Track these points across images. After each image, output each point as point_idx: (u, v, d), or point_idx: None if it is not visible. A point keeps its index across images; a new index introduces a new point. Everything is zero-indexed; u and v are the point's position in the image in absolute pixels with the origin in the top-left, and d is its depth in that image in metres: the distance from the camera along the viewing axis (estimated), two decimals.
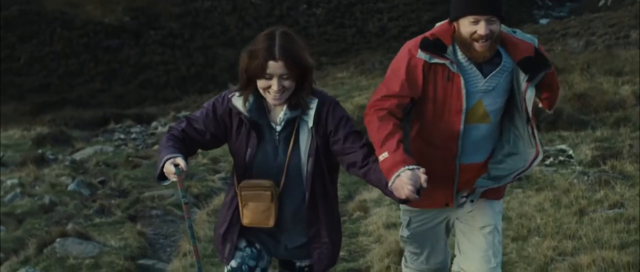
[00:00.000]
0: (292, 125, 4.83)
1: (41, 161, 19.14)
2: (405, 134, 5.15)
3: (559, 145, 14.66)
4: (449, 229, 5.71)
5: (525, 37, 5.11)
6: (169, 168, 4.58)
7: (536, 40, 5.10)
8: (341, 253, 8.13)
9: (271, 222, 4.86)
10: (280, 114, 4.81)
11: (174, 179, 4.62)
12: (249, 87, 4.76)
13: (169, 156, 4.64)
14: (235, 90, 4.85)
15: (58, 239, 10.04)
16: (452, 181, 5.26)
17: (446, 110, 5.07)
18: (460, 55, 5.06)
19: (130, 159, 19.78)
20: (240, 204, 4.90)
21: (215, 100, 4.92)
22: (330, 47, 76.25)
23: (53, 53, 68.84)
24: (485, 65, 5.03)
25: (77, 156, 20.88)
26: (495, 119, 5.18)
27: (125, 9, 76.78)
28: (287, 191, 4.87)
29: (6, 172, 18.50)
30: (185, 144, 4.86)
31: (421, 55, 5.03)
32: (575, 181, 10.53)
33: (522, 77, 4.98)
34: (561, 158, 13.48)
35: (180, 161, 4.59)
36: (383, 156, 4.70)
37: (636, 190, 9.76)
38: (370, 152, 4.76)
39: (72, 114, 32.89)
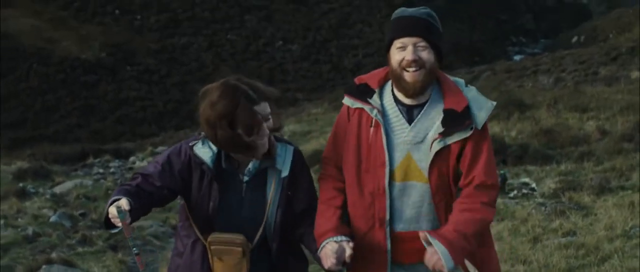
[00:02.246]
0: (261, 176, 4.65)
1: (23, 194, 19.45)
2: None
3: (523, 178, 15.27)
4: None
5: (466, 91, 4.51)
6: (111, 211, 4.22)
7: (483, 102, 4.48)
8: None
9: None
10: (248, 164, 4.61)
11: (119, 225, 4.21)
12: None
13: (113, 197, 4.30)
14: (197, 140, 4.61)
15: (44, 266, 10.61)
16: (384, 251, 4.56)
17: (371, 162, 4.49)
18: (386, 100, 4.57)
19: (109, 192, 20.16)
20: (209, 257, 4.65)
21: (170, 154, 4.63)
22: (306, 84, 76.59)
23: (30, 88, 68.56)
24: (415, 111, 4.49)
25: (58, 190, 21.21)
26: (434, 179, 4.48)
27: (102, 45, 76.72)
28: (258, 244, 4.68)
29: None
30: (139, 198, 4.41)
31: (345, 100, 4.64)
32: (533, 211, 11.18)
33: (437, 127, 4.42)
34: (524, 191, 14.09)
35: (123, 202, 4.20)
36: (317, 222, 4.57)
37: (589, 219, 10.39)
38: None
39: (51, 148, 33.21)
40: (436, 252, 4.30)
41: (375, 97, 4.53)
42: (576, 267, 8.12)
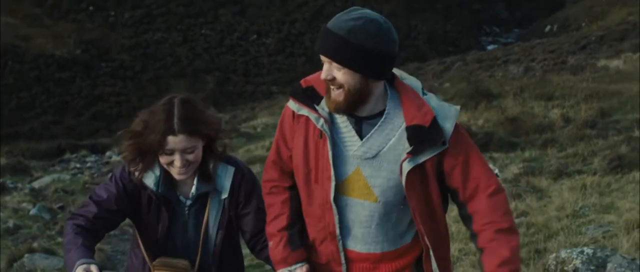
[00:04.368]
0: (204, 198, 4.48)
1: (2, 189, 19.83)
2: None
3: None
4: None
5: (427, 99, 4.00)
6: None
7: (447, 111, 3.96)
8: None
9: None
10: (191, 189, 4.43)
11: None
12: (145, 162, 4.33)
13: (81, 260, 4.02)
14: (138, 167, 4.38)
15: (26, 255, 11.10)
16: (339, 264, 4.23)
17: (319, 173, 4.06)
18: None
19: (86, 186, 20.63)
20: None
21: (121, 176, 4.43)
22: (281, 77, 76.81)
23: (5, 86, 68.17)
24: (366, 124, 4.01)
25: (36, 184, 21.55)
26: (385, 199, 4.03)
27: (77, 41, 76.73)
28: (200, 268, 4.53)
29: None
30: (95, 235, 4.30)
31: (291, 104, 4.16)
32: None
33: (404, 146, 3.93)
34: None
35: (94, 269, 3.97)
36: (270, 245, 4.33)
37: (544, 201, 10.96)
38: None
39: (28, 145, 33.48)
40: None
41: (323, 104, 4.03)
42: (525, 243, 8.62)
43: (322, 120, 3.99)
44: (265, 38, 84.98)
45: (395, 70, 4.08)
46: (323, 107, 4.02)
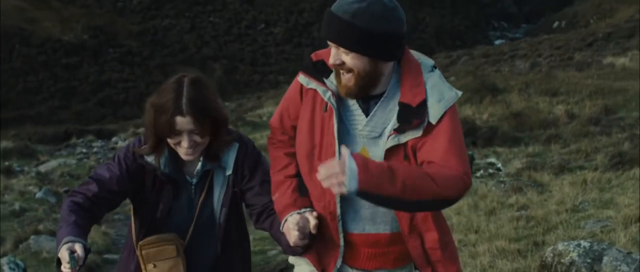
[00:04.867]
0: (208, 175, 4.36)
1: (8, 172, 19.99)
2: None
3: (491, 159, 15.89)
4: None
5: (427, 77, 3.86)
6: (63, 255, 3.85)
7: (444, 92, 3.81)
8: None
9: None
10: (197, 167, 4.31)
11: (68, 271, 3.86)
12: (160, 145, 4.24)
13: (67, 237, 3.95)
14: (145, 148, 4.29)
15: (32, 236, 11.26)
16: (337, 246, 4.05)
17: (323, 149, 3.92)
18: None
19: (92, 170, 20.84)
20: (142, 267, 4.32)
21: (124, 157, 4.31)
22: (289, 66, 76.85)
23: (12, 70, 68.83)
24: (372, 102, 3.89)
25: (42, 168, 21.75)
26: None
27: (84, 27, 76.98)
28: (198, 243, 4.40)
29: None
30: (92, 213, 4.20)
31: (301, 78, 4.03)
32: (493, 188, 11.84)
33: (394, 122, 3.80)
34: (490, 171, 14.69)
35: (78, 247, 3.88)
36: (274, 197, 4.14)
37: (544, 196, 11.07)
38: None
39: (35, 129, 33.64)
40: (342, 166, 3.52)
41: (332, 77, 3.91)
42: (524, 236, 8.72)
43: (329, 93, 3.88)
44: (273, 27, 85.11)
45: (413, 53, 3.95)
46: (332, 80, 3.91)
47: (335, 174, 3.52)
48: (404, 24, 3.80)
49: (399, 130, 3.74)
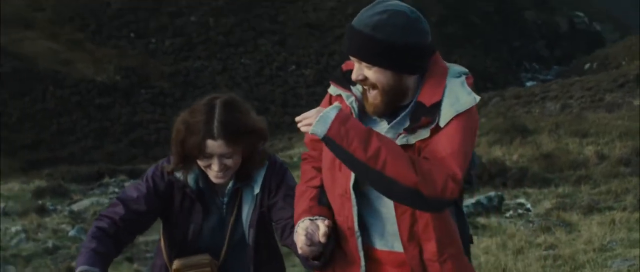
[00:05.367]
0: (238, 193, 4.30)
1: (42, 211, 20.10)
2: None
3: (521, 199, 15.93)
4: None
5: (451, 81, 3.72)
6: None
7: (460, 96, 3.67)
8: None
9: None
10: (228, 185, 4.25)
11: None
12: (186, 163, 4.20)
13: (82, 267, 3.92)
14: (171, 166, 4.27)
15: None
16: (356, 263, 3.86)
17: None
18: None
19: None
20: None
21: (153, 175, 4.26)
22: None
23: (45, 110, 69.27)
24: (399, 112, 3.77)
25: (75, 207, 21.86)
26: None
27: (117, 67, 77.44)
28: (230, 264, 4.31)
29: (9, 221, 19.51)
30: (117, 238, 4.13)
31: (330, 89, 3.97)
32: (521, 227, 11.91)
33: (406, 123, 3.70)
34: (520, 211, 14.71)
35: None
36: (295, 207, 4.02)
37: (573, 235, 11.13)
38: None
39: (68, 169, 33.87)
40: (320, 111, 3.65)
41: (358, 87, 3.81)
42: None
43: (352, 98, 3.79)
44: (304, 69, 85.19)
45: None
46: (358, 88, 3.80)
47: (310, 116, 3.63)
48: (427, 36, 3.71)
49: (408, 130, 3.63)
